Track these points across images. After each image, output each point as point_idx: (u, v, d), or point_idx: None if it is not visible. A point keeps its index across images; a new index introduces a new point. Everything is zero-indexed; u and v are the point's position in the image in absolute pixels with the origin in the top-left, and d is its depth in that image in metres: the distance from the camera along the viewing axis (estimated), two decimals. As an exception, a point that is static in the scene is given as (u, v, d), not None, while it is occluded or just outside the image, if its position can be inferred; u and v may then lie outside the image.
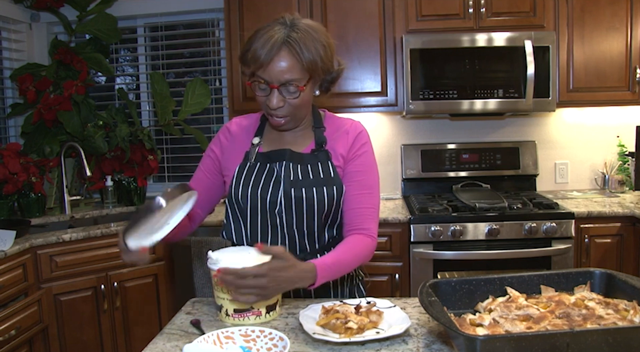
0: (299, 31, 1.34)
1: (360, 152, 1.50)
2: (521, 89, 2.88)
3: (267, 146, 1.52)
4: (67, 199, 3.10)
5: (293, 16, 1.39)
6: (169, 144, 3.64)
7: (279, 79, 1.33)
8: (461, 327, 1.00)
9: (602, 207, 2.75)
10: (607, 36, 2.94)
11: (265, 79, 1.35)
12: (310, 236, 1.48)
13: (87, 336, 2.64)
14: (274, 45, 1.31)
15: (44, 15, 3.54)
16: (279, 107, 1.38)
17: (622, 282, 1.15)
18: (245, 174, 1.48)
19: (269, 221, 1.46)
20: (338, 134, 1.52)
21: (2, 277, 2.26)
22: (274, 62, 1.32)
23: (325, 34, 1.40)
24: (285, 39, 1.32)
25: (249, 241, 1.50)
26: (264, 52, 1.31)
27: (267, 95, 1.37)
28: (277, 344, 1.04)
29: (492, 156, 3.26)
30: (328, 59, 1.39)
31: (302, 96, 1.38)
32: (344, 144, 1.50)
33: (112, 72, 3.49)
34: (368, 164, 1.51)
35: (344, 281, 1.57)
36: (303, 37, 1.33)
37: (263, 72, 1.34)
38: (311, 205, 1.43)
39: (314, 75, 1.38)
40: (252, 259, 1.30)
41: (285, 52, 1.32)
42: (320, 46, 1.36)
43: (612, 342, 0.90)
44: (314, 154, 1.48)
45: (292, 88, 1.35)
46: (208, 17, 3.55)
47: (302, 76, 1.35)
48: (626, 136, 3.27)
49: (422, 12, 2.97)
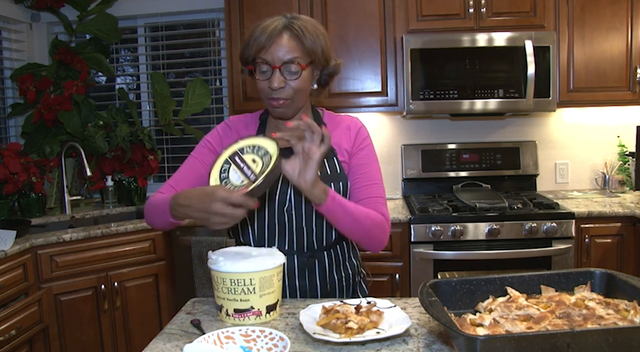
0: (300, 20, 1.40)
1: (362, 146, 1.54)
2: (521, 89, 2.88)
3: None
4: (68, 199, 3.10)
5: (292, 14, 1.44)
6: (170, 144, 3.64)
7: (281, 58, 1.37)
8: (461, 327, 0.99)
9: (603, 207, 2.75)
10: (608, 36, 2.94)
11: (266, 60, 1.38)
12: (318, 233, 1.49)
13: (87, 336, 2.65)
14: (274, 29, 1.37)
15: (45, 15, 3.54)
16: (280, 87, 1.39)
17: (622, 282, 1.15)
18: None
19: (276, 219, 1.47)
20: (340, 130, 1.55)
21: (2, 277, 2.26)
22: (275, 43, 1.36)
23: (322, 29, 1.45)
24: (286, 25, 1.38)
25: (255, 240, 1.51)
26: (265, 36, 1.36)
27: (269, 78, 1.39)
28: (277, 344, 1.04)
29: (493, 156, 3.26)
30: (328, 49, 1.44)
31: (303, 77, 1.40)
32: (347, 139, 1.53)
33: (112, 72, 3.49)
34: (371, 157, 1.54)
35: (348, 278, 1.57)
36: (304, 25, 1.39)
37: (265, 53, 1.37)
38: None
39: (315, 60, 1.42)
40: (253, 259, 1.30)
41: (287, 35, 1.37)
42: (321, 36, 1.41)
43: (612, 343, 0.90)
44: None
45: (294, 67, 1.38)
46: (208, 17, 3.55)
47: (303, 55, 1.39)
48: (626, 136, 3.27)
49: (423, 12, 2.97)
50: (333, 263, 1.54)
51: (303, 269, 1.50)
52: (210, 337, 1.05)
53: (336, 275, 1.54)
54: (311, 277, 1.51)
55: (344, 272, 1.56)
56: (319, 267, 1.51)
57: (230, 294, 1.28)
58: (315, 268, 1.51)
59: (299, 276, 1.51)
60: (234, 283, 1.27)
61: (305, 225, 1.47)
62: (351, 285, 1.59)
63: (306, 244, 1.49)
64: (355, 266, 1.62)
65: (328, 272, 1.53)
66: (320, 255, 1.51)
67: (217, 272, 1.29)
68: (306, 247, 1.49)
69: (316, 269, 1.51)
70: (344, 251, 1.57)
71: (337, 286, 1.55)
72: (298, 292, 1.51)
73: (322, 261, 1.51)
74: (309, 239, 1.49)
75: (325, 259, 1.52)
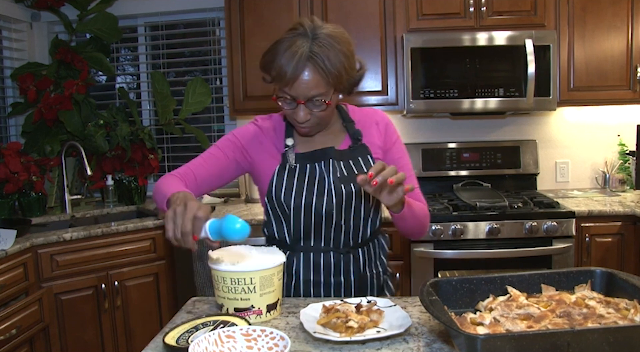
0: (321, 43, 1.34)
1: (394, 139, 1.57)
2: (522, 88, 2.88)
3: (303, 147, 1.53)
4: (68, 198, 3.10)
5: (313, 23, 1.38)
6: (170, 143, 3.64)
7: (305, 94, 1.36)
8: (462, 326, 0.99)
9: (603, 206, 2.75)
10: (608, 35, 2.93)
11: (291, 95, 1.37)
12: (355, 231, 1.51)
13: (87, 335, 2.65)
14: (298, 62, 1.32)
15: (45, 14, 3.54)
16: (306, 120, 1.40)
17: (622, 281, 1.15)
18: (287, 176, 1.49)
19: (312, 219, 1.48)
20: (369, 127, 1.56)
21: (2, 276, 2.26)
22: (299, 79, 1.34)
23: (346, 41, 1.40)
24: (309, 55, 1.33)
25: (291, 239, 1.53)
26: (289, 70, 1.32)
27: (294, 109, 1.39)
28: (278, 343, 1.04)
29: (493, 155, 3.26)
30: (351, 67, 1.41)
31: (328, 107, 1.41)
32: (378, 135, 1.55)
33: (112, 71, 3.49)
34: (403, 150, 1.58)
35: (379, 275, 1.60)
36: (326, 51, 1.34)
37: (290, 89, 1.36)
38: (360, 200, 1.47)
39: (339, 87, 1.40)
40: (253, 258, 1.30)
41: (310, 68, 1.33)
42: (343, 56, 1.36)
43: (612, 342, 0.90)
44: (352, 149, 1.51)
45: (318, 102, 1.37)
46: (209, 16, 3.55)
47: (327, 90, 1.37)
48: (627, 135, 3.27)
49: (423, 11, 2.97)
50: (367, 260, 1.55)
51: (339, 265, 1.51)
52: (212, 336, 1.05)
53: (369, 272, 1.56)
54: (347, 273, 1.52)
55: (376, 269, 1.59)
56: (354, 264, 1.53)
57: (231, 293, 1.28)
58: (350, 264, 1.52)
59: (334, 272, 1.52)
60: (234, 282, 1.27)
61: (343, 223, 1.49)
62: (381, 282, 1.61)
63: (343, 240, 1.51)
64: (385, 264, 1.64)
65: (362, 268, 1.54)
66: (356, 252, 1.53)
67: (218, 271, 1.29)
68: (342, 244, 1.51)
69: (351, 266, 1.52)
70: (375, 248, 1.59)
71: (370, 282, 1.56)
72: (333, 289, 1.52)
73: (357, 257, 1.53)
74: (345, 236, 1.51)
75: (360, 255, 1.53)
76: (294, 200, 1.47)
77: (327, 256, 1.51)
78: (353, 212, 1.49)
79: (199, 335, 1.14)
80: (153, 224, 2.80)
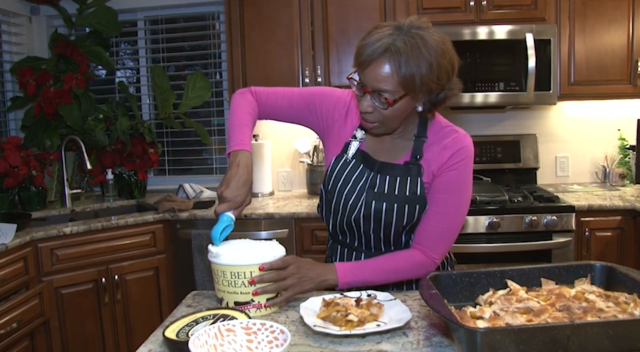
0: (408, 42, 1.25)
1: (452, 168, 1.40)
2: (522, 82, 2.87)
3: (367, 144, 1.49)
4: (68, 192, 3.10)
5: (416, 22, 1.30)
6: (170, 137, 3.64)
7: (372, 85, 1.28)
8: (462, 320, 1.00)
9: (603, 201, 2.75)
10: (609, 29, 2.93)
11: (361, 80, 1.32)
12: (387, 239, 1.49)
13: (88, 329, 2.65)
14: (376, 50, 1.25)
15: (44, 8, 3.53)
16: (367, 112, 1.34)
17: (622, 275, 1.15)
18: (340, 167, 1.48)
19: (346, 219, 1.48)
20: (436, 149, 1.42)
21: (3, 270, 2.27)
22: (371, 66, 1.27)
23: (439, 52, 1.27)
24: (389, 47, 1.25)
25: (332, 229, 1.56)
26: (365, 53, 1.27)
27: (361, 97, 1.34)
28: (277, 337, 1.04)
29: (493, 149, 3.25)
30: (431, 79, 1.27)
31: (392, 110, 1.31)
32: (439, 160, 1.41)
33: (112, 65, 3.49)
34: (456, 182, 1.41)
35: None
36: (408, 50, 1.24)
37: (360, 73, 1.31)
38: (390, 219, 1.42)
39: (410, 92, 1.29)
40: (253, 252, 1.30)
41: (385, 60, 1.25)
42: (424, 64, 1.25)
43: (612, 335, 0.90)
44: (407, 166, 1.42)
45: (382, 99, 1.29)
46: (208, 10, 3.54)
47: (394, 89, 1.27)
48: (627, 130, 3.27)
49: (423, 5, 2.96)
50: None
51: None
52: (211, 330, 1.05)
53: None
54: None
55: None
56: None
57: (231, 287, 1.28)
58: None
59: None
60: (234, 276, 1.27)
61: (373, 232, 1.47)
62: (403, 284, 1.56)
63: (374, 246, 1.51)
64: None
65: None
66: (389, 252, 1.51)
67: (218, 265, 1.29)
68: (374, 248, 1.51)
69: None
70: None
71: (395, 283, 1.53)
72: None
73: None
74: (377, 243, 1.50)
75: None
76: (337, 192, 1.47)
77: (358, 257, 1.52)
78: (383, 227, 1.45)
79: (199, 329, 1.14)
80: (153, 218, 2.81)
